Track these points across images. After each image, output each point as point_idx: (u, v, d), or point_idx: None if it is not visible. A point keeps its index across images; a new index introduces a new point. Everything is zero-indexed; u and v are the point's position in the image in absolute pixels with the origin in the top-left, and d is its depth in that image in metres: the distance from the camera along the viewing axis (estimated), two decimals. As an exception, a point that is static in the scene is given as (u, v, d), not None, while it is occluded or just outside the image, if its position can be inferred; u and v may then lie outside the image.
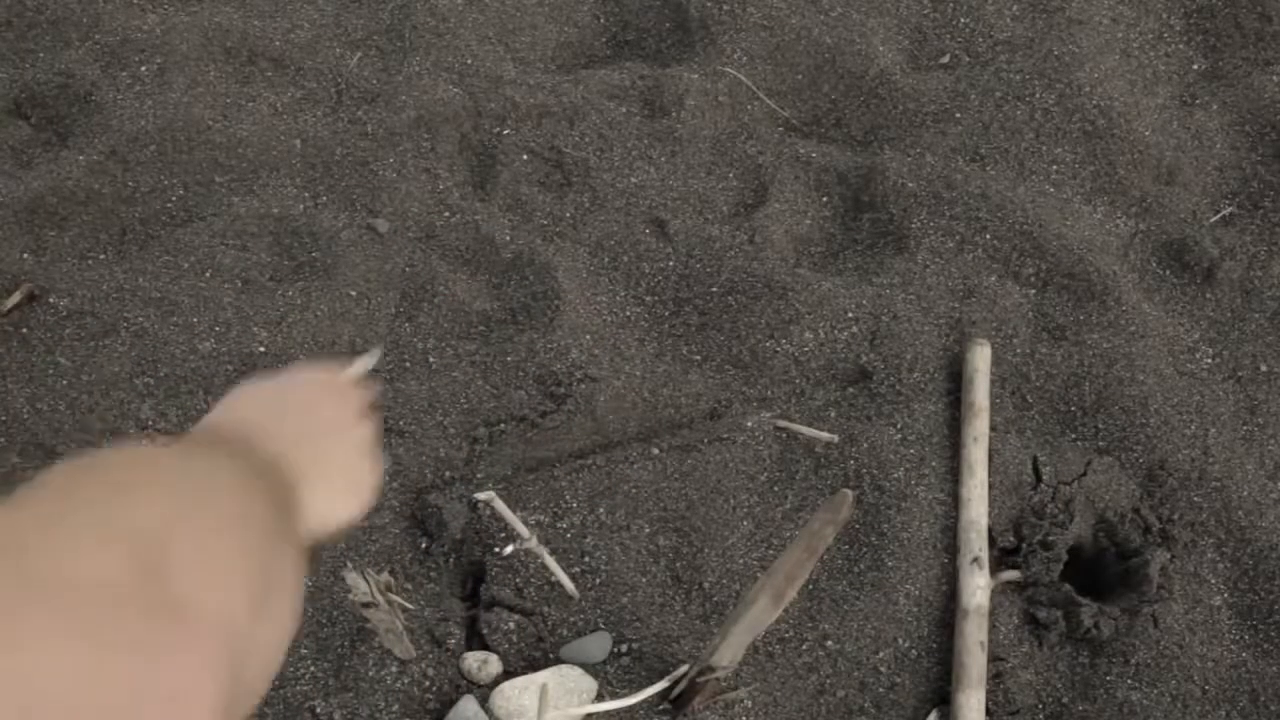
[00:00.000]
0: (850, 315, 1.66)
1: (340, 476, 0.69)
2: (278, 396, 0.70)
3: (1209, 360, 1.68)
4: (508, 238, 1.70)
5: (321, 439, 0.68)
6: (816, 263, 1.77)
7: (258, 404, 0.68)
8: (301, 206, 1.72)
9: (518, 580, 1.39)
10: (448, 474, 1.47)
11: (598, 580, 1.40)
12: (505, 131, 1.83)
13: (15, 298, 1.57)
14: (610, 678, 1.34)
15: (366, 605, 1.19)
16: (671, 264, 1.70)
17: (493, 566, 1.40)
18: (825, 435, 1.53)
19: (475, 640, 1.37)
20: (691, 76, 1.91)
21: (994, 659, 1.39)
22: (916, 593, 1.43)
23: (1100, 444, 1.58)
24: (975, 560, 1.43)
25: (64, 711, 0.35)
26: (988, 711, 1.36)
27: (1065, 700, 1.41)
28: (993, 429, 1.56)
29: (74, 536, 0.39)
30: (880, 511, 1.48)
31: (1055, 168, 1.86)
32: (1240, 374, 1.67)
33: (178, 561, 0.41)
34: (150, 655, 0.38)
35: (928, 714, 1.37)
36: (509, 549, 1.34)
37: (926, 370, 1.61)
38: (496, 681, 1.32)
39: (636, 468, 1.48)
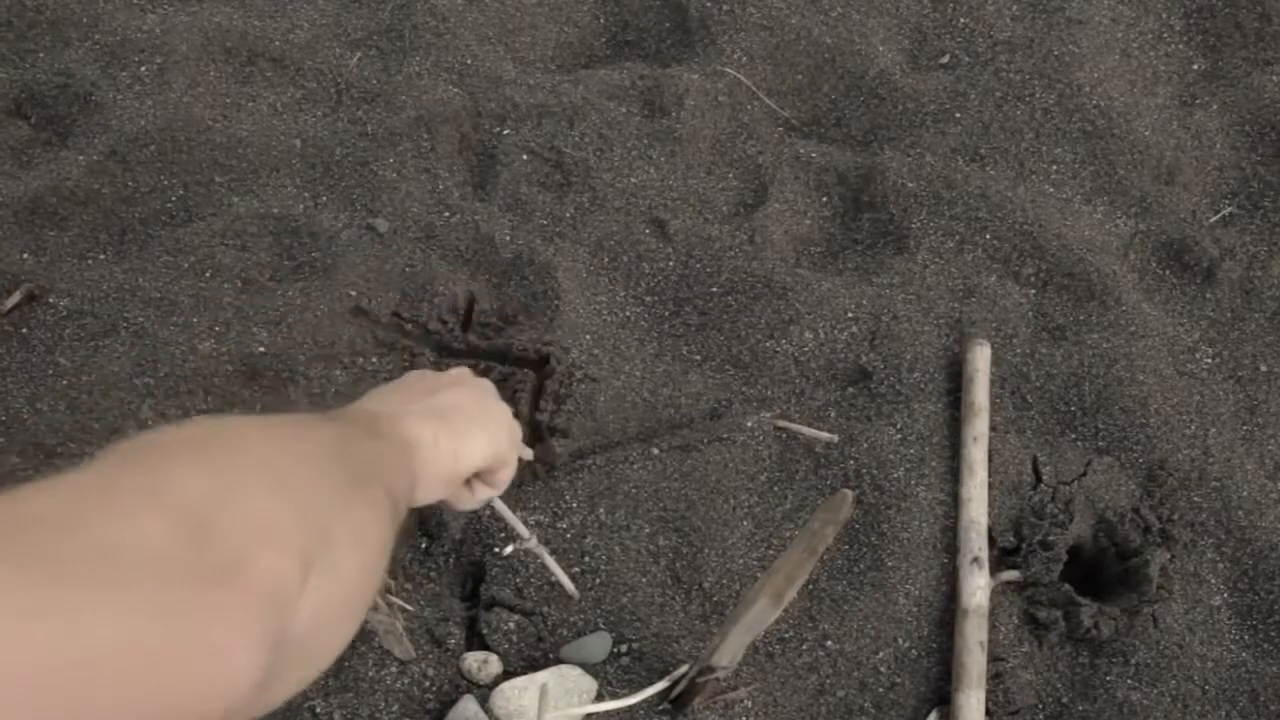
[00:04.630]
0: (850, 315, 1.66)
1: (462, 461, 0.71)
2: (418, 384, 0.73)
3: (1209, 360, 1.68)
4: (508, 238, 1.70)
5: (459, 415, 0.71)
6: (816, 263, 1.77)
7: (400, 387, 0.72)
8: (301, 206, 1.72)
9: (518, 580, 1.39)
10: (448, 474, 1.47)
11: (598, 580, 1.40)
12: (505, 131, 1.83)
13: (15, 298, 1.57)
14: (610, 678, 1.34)
15: (366, 605, 1.19)
16: (671, 264, 1.70)
17: (493, 566, 1.40)
18: (825, 435, 1.53)
19: (475, 640, 1.37)
20: (691, 76, 1.91)
21: (994, 659, 1.39)
22: (916, 593, 1.43)
23: (1100, 444, 1.58)
24: (975, 560, 1.43)
25: (111, 673, 0.36)
26: (988, 711, 1.36)
27: (1065, 700, 1.41)
28: (993, 429, 1.56)
29: (121, 506, 0.40)
30: (880, 511, 1.48)
31: (1055, 168, 1.86)
32: (1240, 374, 1.67)
33: (225, 526, 0.42)
34: (193, 618, 0.39)
35: (928, 714, 1.37)
36: (509, 549, 1.34)
37: (926, 370, 1.61)
38: (496, 681, 1.32)
39: (636, 468, 1.48)
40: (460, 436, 0.70)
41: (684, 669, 1.28)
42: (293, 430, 0.52)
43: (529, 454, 0.85)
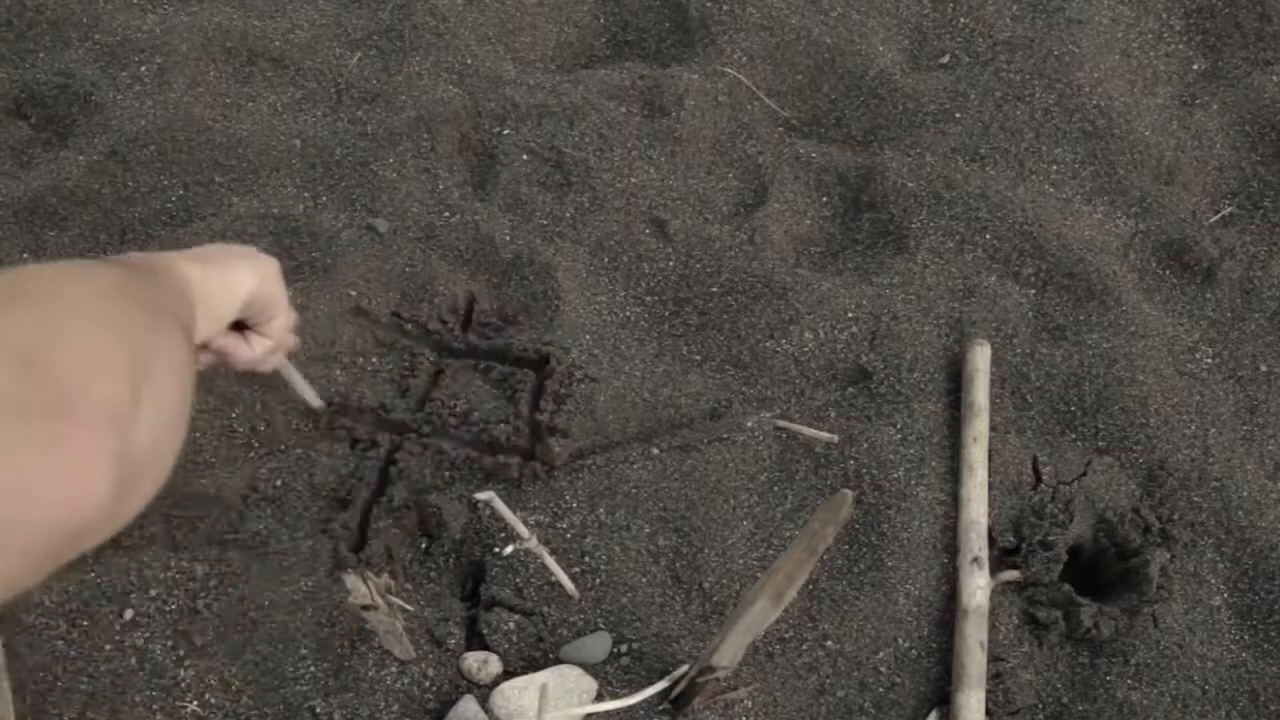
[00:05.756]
0: (850, 315, 1.66)
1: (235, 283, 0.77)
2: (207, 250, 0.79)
3: (1209, 360, 1.68)
4: (508, 238, 1.70)
5: (225, 258, 0.78)
6: (816, 263, 1.77)
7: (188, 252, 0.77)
8: (301, 206, 1.72)
9: (518, 580, 1.39)
10: (448, 474, 1.47)
11: (598, 580, 1.40)
12: (505, 131, 1.83)
13: (15, 298, 1.57)
14: (610, 678, 1.34)
15: (366, 608, 1.19)
16: (671, 264, 1.70)
17: (493, 566, 1.40)
18: (825, 435, 1.53)
19: (475, 640, 1.37)
20: (691, 76, 1.91)
21: (994, 659, 1.40)
22: (916, 593, 1.43)
23: (1100, 444, 1.58)
24: (975, 560, 1.43)
25: None
26: (988, 711, 1.36)
27: (1065, 700, 1.41)
28: (993, 429, 1.56)
29: None
30: (880, 511, 1.48)
31: (1055, 168, 1.86)
32: (1240, 374, 1.68)
33: (57, 360, 0.46)
34: (42, 446, 0.43)
35: (928, 714, 1.37)
36: (509, 549, 1.34)
37: (926, 370, 1.61)
38: (496, 681, 1.32)
39: (636, 468, 1.49)
40: (227, 271, 0.76)
41: (684, 669, 1.28)
42: (91, 272, 0.56)
43: (288, 315, 0.90)
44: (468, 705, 1.28)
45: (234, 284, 0.77)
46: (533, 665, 1.35)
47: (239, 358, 0.84)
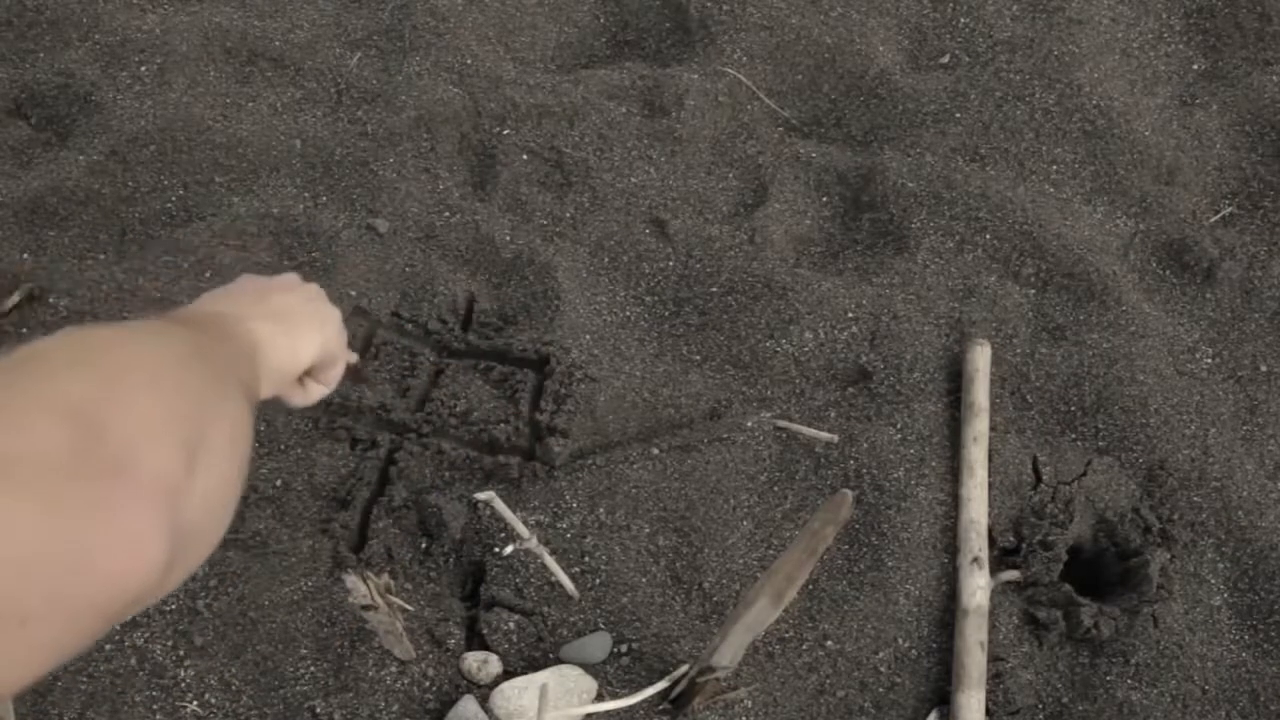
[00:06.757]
0: (850, 315, 1.66)
1: (303, 346, 0.77)
2: (250, 288, 0.79)
3: (1209, 360, 1.68)
4: (508, 238, 1.70)
5: (293, 316, 0.77)
6: (816, 263, 1.77)
7: (234, 291, 0.77)
8: (301, 206, 1.72)
9: (518, 580, 1.39)
10: (448, 474, 1.47)
11: (598, 580, 1.40)
12: (505, 131, 1.83)
13: (15, 298, 1.57)
14: (610, 678, 1.34)
15: (366, 608, 1.19)
16: (671, 264, 1.70)
17: (493, 566, 1.40)
18: (825, 435, 1.53)
19: (475, 640, 1.37)
20: (691, 76, 1.91)
21: (994, 659, 1.39)
22: (916, 593, 1.43)
23: (1100, 444, 1.58)
24: (975, 560, 1.43)
25: (18, 568, 0.39)
26: (988, 711, 1.36)
27: (1065, 700, 1.41)
28: (993, 429, 1.56)
29: (15, 417, 0.43)
30: (880, 511, 1.48)
31: (1055, 168, 1.86)
32: (1240, 374, 1.67)
33: (113, 424, 0.45)
34: (95, 512, 0.42)
35: (928, 714, 1.37)
36: (509, 549, 1.34)
37: (926, 370, 1.61)
38: (496, 681, 1.32)
39: (636, 468, 1.48)
40: (296, 336, 0.76)
41: (684, 669, 1.28)
42: (157, 334, 0.56)
43: (354, 357, 0.90)
44: (468, 705, 1.28)
45: (301, 348, 0.77)
46: (533, 665, 1.34)
47: (293, 402, 0.85)
